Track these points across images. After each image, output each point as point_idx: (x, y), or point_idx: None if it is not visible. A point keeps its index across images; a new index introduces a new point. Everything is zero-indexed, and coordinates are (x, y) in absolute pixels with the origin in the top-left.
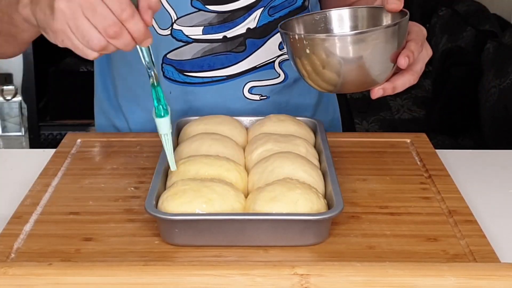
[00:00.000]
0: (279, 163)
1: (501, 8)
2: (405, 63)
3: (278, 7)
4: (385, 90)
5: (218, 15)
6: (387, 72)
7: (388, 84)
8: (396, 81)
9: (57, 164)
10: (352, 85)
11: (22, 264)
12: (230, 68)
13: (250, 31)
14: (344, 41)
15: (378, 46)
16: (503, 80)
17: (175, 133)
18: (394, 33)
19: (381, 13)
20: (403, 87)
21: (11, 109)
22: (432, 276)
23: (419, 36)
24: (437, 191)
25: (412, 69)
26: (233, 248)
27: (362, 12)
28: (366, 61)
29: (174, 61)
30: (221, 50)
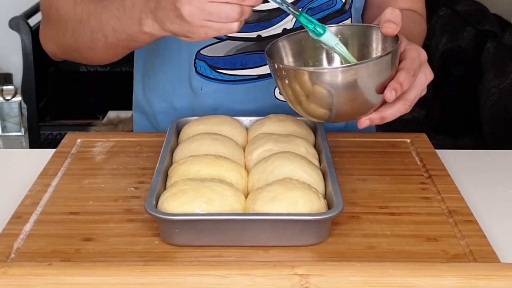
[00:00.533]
0: (279, 163)
1: (501, 8)
2: (391, 96)
3: (317, 9)
4: (372, 121)
5: (254, 14)
6: (374, 104)
7: (376, 114)
8: (386, 111)
9: (57, 164)
10: (338, 117)
11: (22, 264)
12: (262, 68)
13: (286, 32)
14: (324, 75)
15: (363, 80)
16: (503, 80)
17: (175, 133)
18: (380, 65)
19: (374, 33)
20: (394, 116)
21: (11, 109)
22: (432, 276)
23: (414, 64)
24: (437, 191)
25: (404, 98)
26: (233, 248)
27: (355, 30)
28: (351, 95)
29: (207, 57)
30: (254, 49)
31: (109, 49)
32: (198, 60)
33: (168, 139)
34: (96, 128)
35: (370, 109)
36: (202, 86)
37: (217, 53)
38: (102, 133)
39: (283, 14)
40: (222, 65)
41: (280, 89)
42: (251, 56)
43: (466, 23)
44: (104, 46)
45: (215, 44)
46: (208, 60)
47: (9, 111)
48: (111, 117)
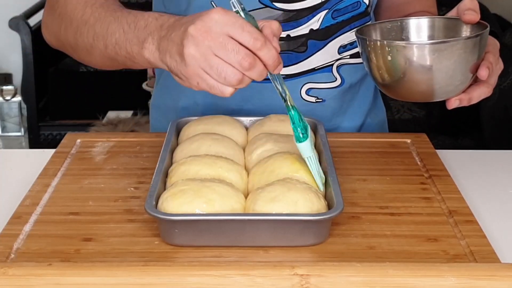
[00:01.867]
0: (279, 163)
1: (501, 8)
2: (486, 74)
3: (342, 11)
4: (462, 101)
5: (284, 13)
6: (465, 83)
7: (465, 95)
8: (473, 93)
9: (56, 164)
10: (430, 95)
11: (22, 264)
12: (290, 68)
13: (313, 32)
14: (427, 49)
15: (460, 57)
16: (503, 80)
17: (175, 133)
18: (475, 44)
19: (458, 24)
20: (478, 98)
21: (10, 109)
22: (432, 277)
23: (495, 48)
24: (437, 191)
25: (487, 81)
26: (233, 248)
27: (439, 22)
28: (447, 71)
29: None
30: (283, 49)
31: (106, 60)
32: None
33: (168, 139)
34: (96, 128)
35: (461, 89)
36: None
37: None
38: (102, 133)
39: (310, 15)
40: None
41: (374, 68)
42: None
43: None
44: (101, 55)
45: None
46: None
47: (9, 111)
48: (111, 117)
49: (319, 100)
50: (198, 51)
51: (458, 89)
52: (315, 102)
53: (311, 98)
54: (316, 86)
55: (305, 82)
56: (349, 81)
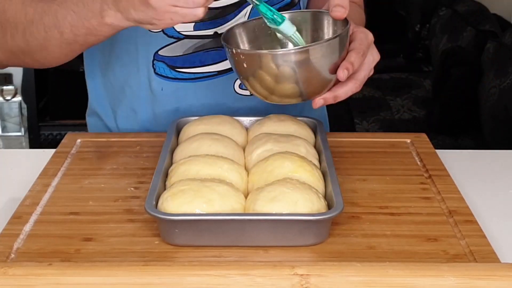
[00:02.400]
0: (279, 163)
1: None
2: (343, 76)
3: (269, 2)
4: (326, 100)
5: (209, 12)
6: (327, 83)
7: (329, 94)
8: (338, 91)
9: (57, 164)
10: (293, 97)
11: (22, 264)
12: (221, 64)
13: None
14: (280, 57)
15: (316, 61)
16: (503, 80)
17: (175, 133)
18: (332, 47)
19: (324, 18)
20: (346, 95)
21: (11, 109)
22: (432, 276)
23: (362, 45)
24: (437, 191)
25: (354, 77)
26: (233, 248)
27: (306, 16)
28: (305, 75)
29: (165, 58)
30: (212, 46)
31: (65, 47)
32: (157, 61)
33: (168, 139)
34: None
35: (324, 89)
36: (163, 86)
37: (175, 53)
38: (102, 133)
39: (237, 10)
40: (181, 63)
41: (237, 73)
42: (209, 53)
43: (466, 23)
44: (59, 44)
45: (172, 44)
46: (167, 60)
47: (9, 111)
48: None
49: None
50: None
51: (320, 90)
52: (250, 95)
53: (245, 91)
54: None
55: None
56: None
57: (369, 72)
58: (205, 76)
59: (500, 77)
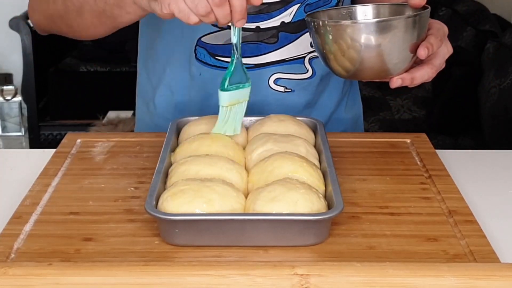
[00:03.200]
0: (279, 163)
1: (501, 8)
2: (424, 53)
3: (314, 5)
4: (404, 80)
5: (254, 6)
6: (406, 62)
7: (407, 75)
8: (415, 73)
9: (57, 164)
10: (371, 73)
11: (22, 264)
12: (260, 57)
13: (284, 25)
14: (366, 27)
15: (398, 35)
16: (503, 80)
17: (175, 133)
18: (414, 23)
19: (404, 9)
20: (422, 79)
21: (11, 109)
22: (432, 276)
23: (439, 32)
24: (437, 191)
25: (431, 62)
26: (233, 248)
27: (385, 9)
28: (386, 49)
29: (207, 45)
30: (252, 39)
31: (96, 16)
32: (199, 47)
33: (168, 139)
34: (96, 128)
35: (401, 69)
36: (201, 71)
37: (217, 41)
38: (102, 133)
39: (283, 8)
40: (221, 52)
41: (320, 47)
42: (249, 46)
43: (466, 23)
44: (91, 11)
45: (216, 32)
46: (208, 48)
47: (9, 111)
48: (111, 117)
49: (287, 90)
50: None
51: (398, 68)
52: (283, 92)
53: (279, 87)
54: (285, 76)
55: (274, 72)
56: (320, 73)
57: (443, 63)
58: None
59: (500, 77)
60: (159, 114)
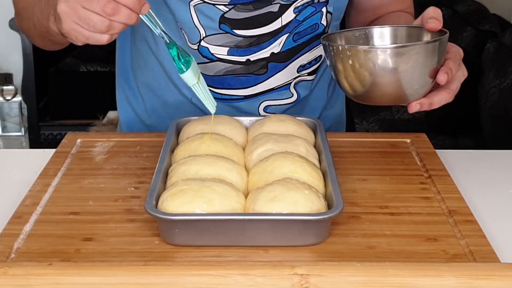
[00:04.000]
0: (279, 163)
1: (501, 8)
2: (444, 79)
3: (302, 33)
4: (422, 105)
5: (244, 39)
6: (425, 87)
7: (426, 100)
8: (434, 98)
9: (57, 164)
10: (390, 98)
11: (22, 264)
12: (249, 89)
13: (274, 56)
14: (386, 53)
15: (419, 61)
16: (503, 80)
17: (175, 133)
18: (434, 49)
19: (421, 32)
20: (439, 104)
21: (11, 109)
22: (432, 276)
23: (457, 56)
24: (437, 191)
25: (449, 87)
26: (233, 248)
27: (402, 31)
28: (406, 75)
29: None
30: (242, 72)
31: (40, 39)
32: None
33: (168, 139)
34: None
35: (420, 94)
36: (192, 97)
37: (207, 72)
38: (102, 133)
39: (272, 39)
40: (210, 83)
41: (337, 72)
42: (238, 78)
43: (466, 23)
44: (35, 34)
45: (205, 63)
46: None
47: (9, 111)
48: (111, 117)
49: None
50: (68, 6)
51: (418, 93)
52: None
53: (269, 114)
54: (274, 103)
55: (263, 100)
56: (304, 94)
57: (458, 87)
58: (231, 98)
59: (500, 77)
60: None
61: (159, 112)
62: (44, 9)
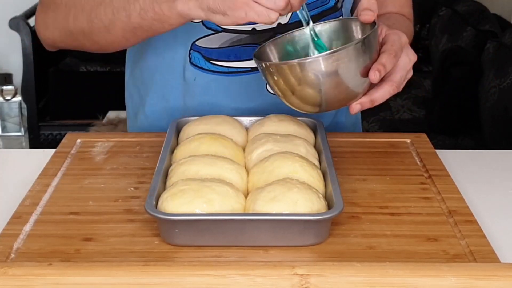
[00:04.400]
0: (279, 163)
1: (501, 8)
2: (375, 77)
3: (311, 5)
4: (363, 104)
5: None
6: (361, 87)
7: (366, 98)
8: (374, 94)
9: (57, 164)
10: (330, 104)
11: (22, 264)
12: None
13: (281, 27)
14: (309, 65)
15: (345, 66)
16: (503, 80)
17: (175, 133)
18: (359, 50)
19: (354, 24)
20: (383, 99)
21: (11, 109)
22: (432, 276)
23: (394, 46)
24: (437, 191)
25: (391, 79)
26: (233, 248)
27: (335, 26)
28: (336, 81)
29: (202, 48)
30: (249, 42)
31: (128, 31)
32: (193, 51)
33: (168, 139)
34: (96, 128)
35: (359, 94)
36: (196, 76)
37: (212, 45)
38: (102, 133)
39: None
40: (216, 56)
41: (272, 86)
42: (245, 49)
43: (466, 23)
44: (124, 27)
45: (210, 35)
46: (203, 51)
47: (9, 111)
48: (111, 117)
49: None
50: None
51: (355, 95)
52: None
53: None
54: None
55: None
56: None
57: (407, 74)
58: (238, 71)
59: (500, 77)
60: (151, 123)
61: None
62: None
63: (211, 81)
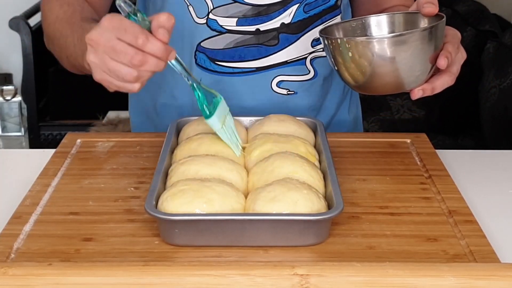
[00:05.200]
0: (279, 163)
1: (501, 8)
2: (444, 63)
3: (313, 4)
4: (425, 91)
5: (253, 8)
6: (426, 73)
7: (428, 85)
8: (435, 82)
9: (57, 164)
10: (393, 87)
11: (22, 264)
12: (261, 61)
13: (284, 26)
14: (384, 43)
15: (417, 48)
16: (503, 80)
17: (175, 133)
18: (432, 35)
19: (417, 18)
20: (442, 87)
21: (11, 109)
22: (432, 276)
23: (455, 39)
24: (437, 191)
25: (450, 70)
26: (233, 248)
27: (399, 18)
28: (406, 63)
29: (207, 50)
30: (253, 42)
31: (71, 67)
32: (198, 52)
33: (168, 139)
34: (96, 128)
35: (422, 79)
36: (201, 77)
37: (217, 46)
38: (102, 133)
39: (282, 9)
40: (221, 57)
41: (340, 66)
42: (249, 49)
43: (466, 23)
44: (67, 64)
45: (215, 37)
46: (208, 52)
47: (9, 111)
48: (111, 117)
49: (290, 92)
50: (97, 58)
51: (419, 80)
52: (286, 94)
53: (282, 90)
54: (288, 78)
55: (276, 74)
56: (323, 73)
57: (459, 70)
58: (243, 71)
59: (500, 77)
60: (162, 121)
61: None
62: (77, 45)
63: (217, 81)
